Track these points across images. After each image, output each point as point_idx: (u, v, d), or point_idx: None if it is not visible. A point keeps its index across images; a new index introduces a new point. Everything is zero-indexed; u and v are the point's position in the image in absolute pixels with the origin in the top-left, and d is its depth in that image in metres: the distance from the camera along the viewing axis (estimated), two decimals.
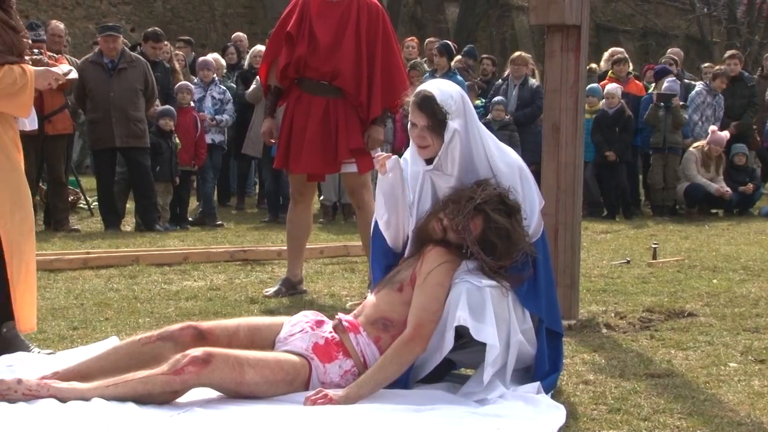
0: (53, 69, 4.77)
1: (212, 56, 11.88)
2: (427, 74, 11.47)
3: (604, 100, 11.71)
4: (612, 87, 11.66)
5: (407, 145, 4.05)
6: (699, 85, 12.41)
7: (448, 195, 3.88)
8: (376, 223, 4.09)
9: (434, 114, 3.80)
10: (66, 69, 5.11)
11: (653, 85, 12.56)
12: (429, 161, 3.91)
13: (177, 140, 10.26)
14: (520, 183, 3.88)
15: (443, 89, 3.87)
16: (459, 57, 12.99)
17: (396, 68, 6.05)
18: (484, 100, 12.07)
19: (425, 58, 12.34)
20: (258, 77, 9.52)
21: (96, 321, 5.25)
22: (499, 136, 4.10)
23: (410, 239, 3.96)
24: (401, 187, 3.97)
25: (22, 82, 4.43)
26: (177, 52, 12.32)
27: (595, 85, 11.97)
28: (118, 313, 5.51)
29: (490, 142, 3.92)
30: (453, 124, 3.81)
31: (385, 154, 4.04)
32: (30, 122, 4.67)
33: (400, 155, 4.09)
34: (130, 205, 10.35)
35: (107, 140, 9.69)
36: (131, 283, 6.61)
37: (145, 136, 9.84)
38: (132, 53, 10.19)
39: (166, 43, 11.37)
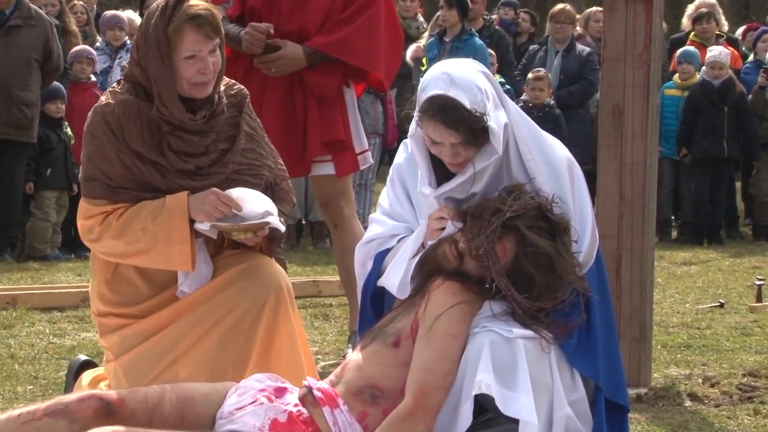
0: (231, 192, 4.29)
1: (126, 13, 11.89)
2: (434, 38, 11.49)
3: (703, 68, 11.70)
4: (718, 52, 11.61)
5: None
6: None
7: (466, 207, 3.90)
8: (373, 238, 4.12)
9: (467, 124, 3.79)
10: (257, 211, 4.28)
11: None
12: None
13: (69, 131, 10.20)
14: (570, 188, 3.90)
15: (465, 82, 3.83)
16: (494, 16, 12.99)
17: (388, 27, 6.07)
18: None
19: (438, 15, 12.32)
20: None
21: None
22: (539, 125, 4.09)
23: (414, 270, 3.96)
24: None
25: (148, 235, 4.27)
26: (74, 2, 12.31)
27: (691, 48, 11.98)
28: None
29: (524, 131, 3.94)
30: (497, 123, 3.81)
31: (442, 209, 3.93)
32: (194, 283, 4.40)
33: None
34: None
35: None
36: (5, 335, 6.60)
37: (33, 128, 9.81)
38: (34, 7, 10.14)
39: None
